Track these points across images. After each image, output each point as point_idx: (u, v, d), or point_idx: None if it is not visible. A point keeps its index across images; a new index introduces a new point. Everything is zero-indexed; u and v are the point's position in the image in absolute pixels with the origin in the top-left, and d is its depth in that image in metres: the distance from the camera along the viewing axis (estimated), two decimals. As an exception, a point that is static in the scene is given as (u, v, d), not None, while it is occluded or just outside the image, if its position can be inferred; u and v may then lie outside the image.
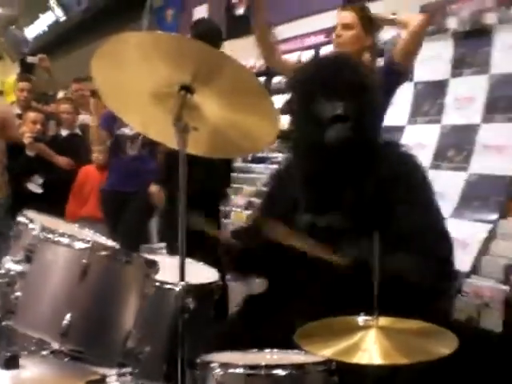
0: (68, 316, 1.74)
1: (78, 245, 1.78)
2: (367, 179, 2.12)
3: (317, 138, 2.13)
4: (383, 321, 1.62)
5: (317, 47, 5.38)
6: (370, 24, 3.20)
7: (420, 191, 2.16)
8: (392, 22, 3.28)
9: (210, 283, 2.31)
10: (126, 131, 4.60)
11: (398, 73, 3.17)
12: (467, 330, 2.79)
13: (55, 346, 1.75)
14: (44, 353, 1.75)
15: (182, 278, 1.76)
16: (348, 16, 3.18)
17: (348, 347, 1.54)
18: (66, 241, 1.79)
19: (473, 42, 3.75)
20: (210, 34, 3.87)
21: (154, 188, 4.38)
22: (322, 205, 2.19)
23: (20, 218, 1.91)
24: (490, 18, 3.70)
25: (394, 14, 3.25)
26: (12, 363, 1.72)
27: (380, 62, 3.51)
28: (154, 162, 4.62)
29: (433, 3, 4.36)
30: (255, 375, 1.67)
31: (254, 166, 5.56)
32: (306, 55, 5.32)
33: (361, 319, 1.65)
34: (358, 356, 1.50)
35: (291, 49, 5.70)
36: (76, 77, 6.04)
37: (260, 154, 5.45)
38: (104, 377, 1.83)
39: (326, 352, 1.54)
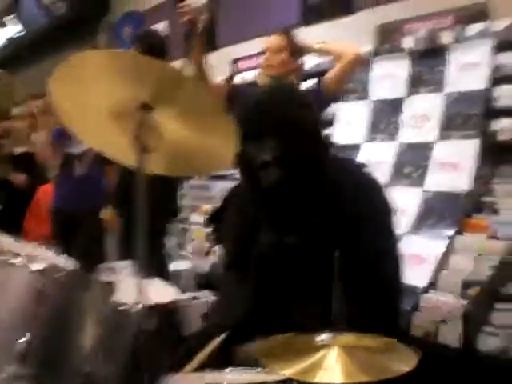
0: (23, 340, 1.69)
1: (33, 266, 1.74)
2: (320, 203, 2.11)
3: (252, 183, 2.12)
4: (344, 338, 1.62)
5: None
6: (296, 49, 3.34)
7: (377, 211, 2.16)
8: (320, 51, 3.40)
9: (171, 302, 2.29)
10: (74, 149, 4.54)
11: (327, 100, 3.30)
12: (425, 345, 2.80)
13: (11, 370, 1.70)
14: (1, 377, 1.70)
15: (139, 299, 1.73)
16: (277, 40, 3.31)
17: (309, 366, 1.53)
18: (21, 263, 1.74)
19: (429, 61, 3.82)
20: (157, 47, 3.86)
21: (105, 214, 4.35)
22: (278, 227, 2.19)
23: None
24: (446, 37, 3.78)
25: (322, 42, 3.35)
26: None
27: (304, 85, 3.69)
28: (103, 182, 4.58)
29: (389, 23, 4.45)
30: (216, 396, 1.65)
31: (212, 183, 5.55)
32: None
33: (322, 337, 1.64)
34: (320, 375, 1.49)
35: (252, 66, 5.74)
36: (34, 93, 5.97)
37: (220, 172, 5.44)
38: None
39: (288, 371, 1.53)
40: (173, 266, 5.03)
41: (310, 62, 3.94)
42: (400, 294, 2.23)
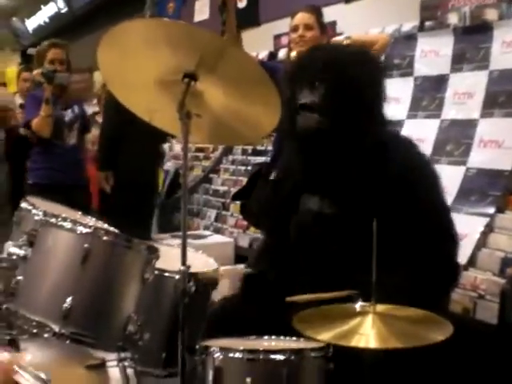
0: (69, 299, 1.75)
1: (80, 229, 1.80)
2: (359, 170, 2.11)
3: (288, 126, 2.14)
4: (380, 307, 1.64)
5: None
6: (324, 24, 3.48)
7: (429, 188, 2.17)
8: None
9: (210, 271, 2.33)
10: (65, 118, 4.28)
11: None
12: (463, 321, 2.81)
13: (56, 328, 1.76)
14: (45, 335, 1.77)
15: (184, 262, 1.77)
16: (309, 17, 3.39)
17: (345, 332, 1.56)
18: (69, 225, 1.80)
19: (473, 38, 3.76)
20: None
21: (102, 175, 4.53)
22: (314, 189, 2.20)
23: (23, 204, 1.93)
24: (491, 14, 3.72)
25: (347, 37, 3.37)
26: (12, 346, 1.75)
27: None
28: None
29: (434, -1, 4.39)
30: (254, 360, 1.69)
31: (253, 158, 5.58)
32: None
33: (358, 305, 1.67)
34: (355, 340, 1.52)
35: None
36: (76, 67, 6.04)
37: (259, 147, 5.47)
38: (104, 361, 1.86)
39: (324, 336, 1.56)
40: (214, 239, 5.11)
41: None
42: (455, 268, 2.23)
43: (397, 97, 4.18)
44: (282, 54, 5.61)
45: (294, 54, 3.35)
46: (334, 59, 2.13)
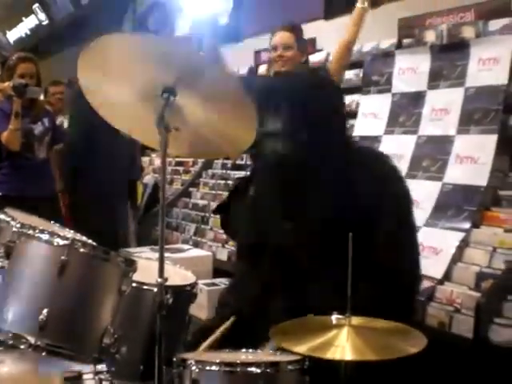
0: (45, 311, 1.74)
1: (57, 241, 1.80)
2: (328, 188, 2.15)
3: (258, 151, 2.19)
4: (355, 320, 1.66)
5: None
6: (303, 43, 3.50)
7: (397, 203, 2.19)
8: None
9: (187, 285, 2.34)
10: (35, 131, 4.26)
11: None
12: (439, 335, 2.84)
13: (32, 340, 1.75)
14: (21, 347, 1.76)
15: (161, 274, 1.78)
16: (287, 36, 3.42)
17: (321, 344, 1.58)
18: (46, 237, 1.80)
19: (450, 55, 3.83)
20: None
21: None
22: (288, 209, 2.23)
23: (0, 216, 1.93)
24: (468, 32, 3.79)
25: None
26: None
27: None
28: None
29: (412, 17, 4.46)
30: (231, 372, 1.70)
31: (233, 172, 5.61)
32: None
33: (334, 318, 1.69)
34: (331, 352, 1.54)
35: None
36: (54, 80, 6.03)
37: (239, 162, 5.50)
38: (80, 374, 1.86)
39: (300, 348, 1.58)
40: (192, 253, 5.12)
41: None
42: (418, 283, 2.26)
43: (375, 112, 4.25)
44: (261, 69, 5.67)
45: (272, 71, 3.44)
46: (292, 87, 2.21)
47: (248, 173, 5.17)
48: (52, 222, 2.25)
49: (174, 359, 1.78)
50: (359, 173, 2.16)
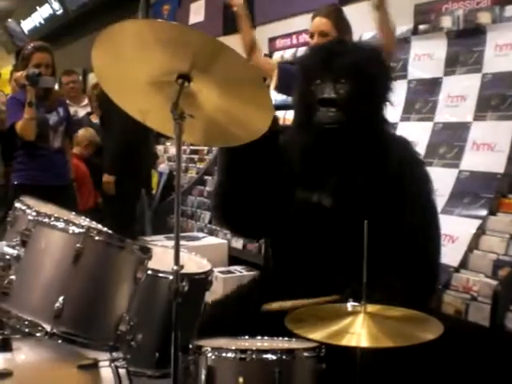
0: (61, 299, 1.76)
1: (73, 229, 1.80)
2: (362, 165, 2.14)
3: (306, 119, 2.15)
4: (370, 307, 1.65)
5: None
6: (344, 26, 3.31)
7: (421, 188, 2.20)
8: None
9: (203, 272, 2.35)
10: (50, 121, 4.24)
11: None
12: (455, 323, 2.82)
13: (48, 328, 1.77)
14: (37, 335, 1.77)
15: (177, 261, 1.78)
16: (324, 23, 3.26)
17: (337, 331, 1.57)
18: (61, 225, 1.81)
19: (466, 41, 3.78)
20: None
21: (108, 178, 4.72)
22: (314, 182, 2.21)
23: (17, 204, 1.93)
24: (484, 18, 3.74)
25: None
26: (5, 346, 1.75)
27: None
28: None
29: (427, 2, 4.41)
30: (246, 359, 1.70)
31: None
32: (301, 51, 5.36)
33: (349, 305, 1.68)
34: (347, 339, 1.53)
35: (288, 45, 5.76)
36: (66, 69, 6.03)
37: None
38: (96, 361, 1.86)
39: (316, 335, 1.57)
40: (208, 241, 5.12)
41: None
42: (438, 267, 2.25)
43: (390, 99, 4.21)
44: (276, 56, 5.64)
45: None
46: (359, 57, 2.17)
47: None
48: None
49: (190, 346, 1.78)
50: (388, 156, 2.18)
